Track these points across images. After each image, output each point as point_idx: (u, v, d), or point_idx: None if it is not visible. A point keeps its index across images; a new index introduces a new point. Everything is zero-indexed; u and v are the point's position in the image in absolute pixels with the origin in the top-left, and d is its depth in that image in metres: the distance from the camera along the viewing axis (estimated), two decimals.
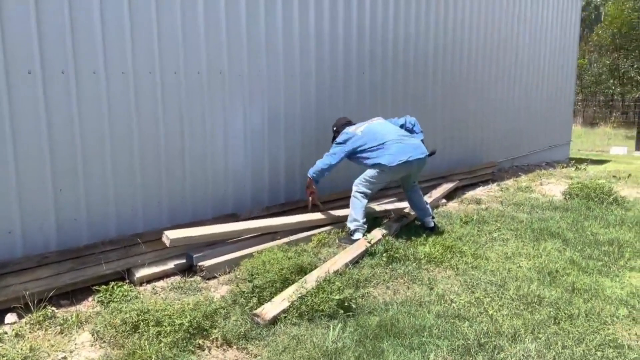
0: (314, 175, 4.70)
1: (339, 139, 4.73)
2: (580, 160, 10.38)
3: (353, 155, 4.65)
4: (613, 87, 21.64)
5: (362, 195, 4.59)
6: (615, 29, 20.76)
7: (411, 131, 4.83)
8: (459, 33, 7.17)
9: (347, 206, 4.99)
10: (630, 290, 3.63)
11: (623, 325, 3.15)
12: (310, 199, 4.91)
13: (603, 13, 23.97)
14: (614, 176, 8.20)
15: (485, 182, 7.46)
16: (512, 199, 6.34)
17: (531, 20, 8.71)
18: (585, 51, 23.11)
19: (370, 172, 4.59)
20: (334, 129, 4.96)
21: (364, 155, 4.59)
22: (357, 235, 4.45)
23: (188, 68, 4.35)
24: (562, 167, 9.20)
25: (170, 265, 3.87)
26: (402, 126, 4.84)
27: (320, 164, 4.67)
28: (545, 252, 4.37)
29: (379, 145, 4.53)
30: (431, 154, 4.84)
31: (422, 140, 4.76)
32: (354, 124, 4.89)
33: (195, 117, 4.45)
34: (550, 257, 4.26)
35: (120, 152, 4.04)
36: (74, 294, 3.43)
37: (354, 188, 4.63)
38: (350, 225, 4.54)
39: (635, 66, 20.63)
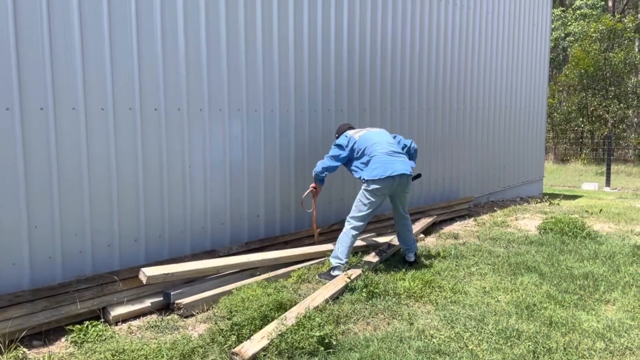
0: (315, 175, 4.94)
1: (338, 141, 4.89)
2: (553, 196, 10.60)
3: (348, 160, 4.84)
4: (582, 125, 22.30)
5: (354, 231, 4.61)
6: (583, 69, 21.59)
7: (410, 156, 4.95)
8: (434, 73, 7.39)
9: (326, 242, 5.00)
10: (606, 323, 3.68)
11: (601, 358, 3.18)
12: (311, 193, 5.10)
13: (570, 54, 24.94)
14: (587, 211, 8.39)
15: (462, 217, 7.56)
16: (488, 234, 6.43)
17: (502, 63, 9.03)
18: (555, 90, 23.90)
19: (357, 198, 4.66)
20: (336, 135, 5.16)
21: (353, 162, 4.77)
22: (336, 272, 4.44)
23: (168, 104, 4.38)
24: (536, 202, 9.38)
25: (147, 303, 3.80)
26: (404, 147, 4.95)
27: (320, 164, 4.90)
28: (522, 286, 4.42)
29: (367, 155, 4.66)
30: (416, 177, 4.91)
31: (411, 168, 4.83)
32: (354, 129, 5.06)
33: (174, 152, 4.46)
34: (527, 291, 4.31)
35: (97, 189, 4.00)
36: (47, 334, 3.33)
37: (346, 225, 4.65)
38: (333, 261, 4.53)
39: (603, 104, 21.36)
